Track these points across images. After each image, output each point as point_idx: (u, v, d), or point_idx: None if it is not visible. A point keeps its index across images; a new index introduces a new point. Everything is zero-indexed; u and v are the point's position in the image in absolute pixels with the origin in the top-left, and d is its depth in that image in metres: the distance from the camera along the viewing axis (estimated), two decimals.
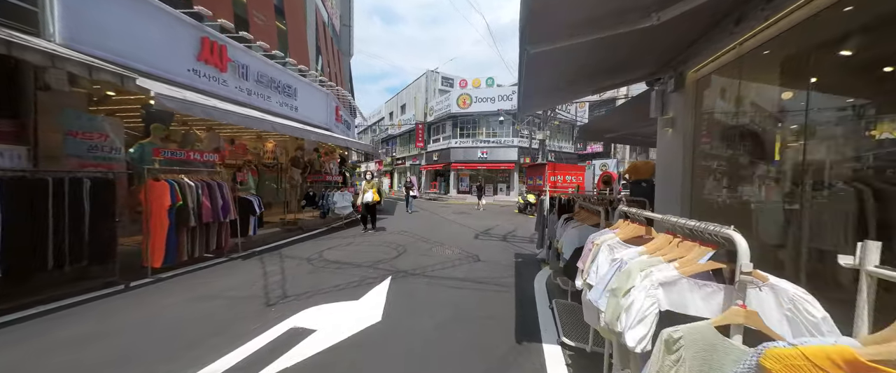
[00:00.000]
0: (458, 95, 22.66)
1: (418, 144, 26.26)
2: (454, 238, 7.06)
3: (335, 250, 5.58)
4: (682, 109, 3.51)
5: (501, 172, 23.24)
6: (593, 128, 6.34)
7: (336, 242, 6.34)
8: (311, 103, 9.08)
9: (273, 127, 5.18)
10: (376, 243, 6.26)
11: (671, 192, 3.62)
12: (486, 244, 6.47)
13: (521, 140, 21.66)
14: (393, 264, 4.74)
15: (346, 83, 14.76)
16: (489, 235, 7.56)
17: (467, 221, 10.26)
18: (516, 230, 8.42)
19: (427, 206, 16.18)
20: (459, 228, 8.55)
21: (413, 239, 6.80)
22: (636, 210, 1.73)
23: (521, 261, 5.22)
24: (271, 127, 5.18)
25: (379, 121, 38.13)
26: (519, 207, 13.50)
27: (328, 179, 8.16)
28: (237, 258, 4.82)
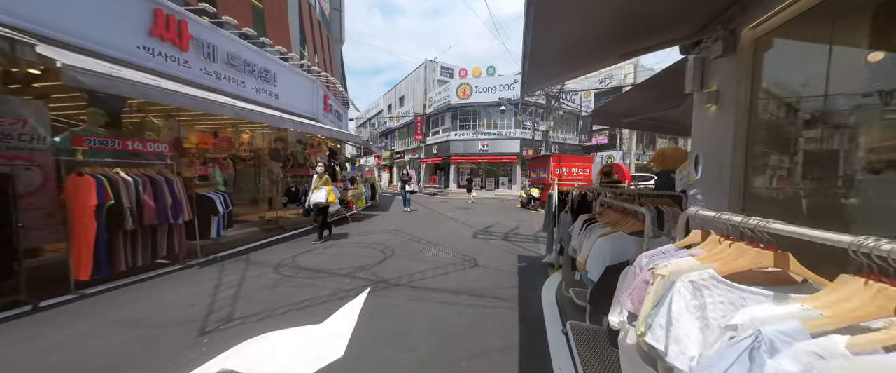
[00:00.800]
0: (458, 85, 21.75)
1: (417, 137, 25.45)
2: (450, 238, 6.36)
3: (312, 254, 4.89)
4: (734, 79, 2.74)
5: (502, 166, 22.45)
6: (608, 111, 5.55)
7: (316, 243, 5.66)
8: (294, 91, 8.33)
9: (234, 112, 4.45)
10: (362, 245, 5.57)
11: (714, 184, 2.87)
12: (485, 245, 5.77)
13: (524, 132, 20.81)
14: (375, 272, 4.05)
15: (338, 72, 13.96)
16: (489, 234, 6.85)
17: (466, 217, 9.55)
18: (519, 228, 7.71)
19: (425, 201, 15.48)
20: (457, 226, 7.85)
21: (404, 239, 6.10)
22: (739, 217, 0.97)
23: (526, 265, 4.51)
24: (233, 112, 4.46)
25: (377, 114, 37.27)
26: (521, 201, 12.76)
27: (312, 173, 7.42)
28: (194, 265, 4.14)
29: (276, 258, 4.60)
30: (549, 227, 4.53)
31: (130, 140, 3.70)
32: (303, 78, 8.69)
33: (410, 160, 28.47)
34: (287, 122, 5.64)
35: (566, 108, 20.01)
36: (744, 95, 2.60)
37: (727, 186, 2.76)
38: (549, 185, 11.48)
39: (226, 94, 5.99)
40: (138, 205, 3.52)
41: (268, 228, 6.69)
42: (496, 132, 21.41)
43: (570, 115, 23.04)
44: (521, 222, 8.60)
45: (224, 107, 4.29)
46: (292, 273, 3.94)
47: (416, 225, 7.82)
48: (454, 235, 6.59)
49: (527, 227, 7.85)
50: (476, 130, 21.98)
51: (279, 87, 7.68)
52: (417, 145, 26.55)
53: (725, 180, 2.78)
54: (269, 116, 5.13)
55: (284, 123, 5.54)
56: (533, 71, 3.55)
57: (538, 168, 12.47)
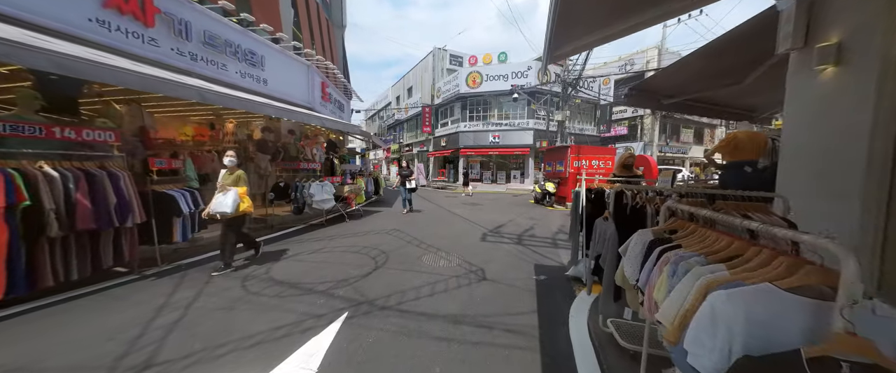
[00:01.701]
0: (468, 74, 20.66)
1: (425, 129, 24.61)
2: (455, 240, 5.57)
3: (291, 262, 4.20)
4: (878, 20, 1.81)
5: (514, 158, 21.39)
6: (648, 88, 4.53)
7: (302, 247, 4.98)
8: (286, 76, 7.62)
9: (199, 95, 3.74)
10: (352, 249, 4.85)
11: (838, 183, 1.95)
12: (495, 250, 4.95)
13: (538, 122, 19.64)
14: (360, 287, 3.31)
15: (339, 59, 13.19)
16: (500, 236, 6.02)
17: (475, 214, 8.73)
18: (534, 228, 6.84)
19: (432, 196, 14.73)
20: (464, 226, 7.05)
21: (402, 242, 5.36)
22: None
23: (546, 280, 3.68)
24: (199, 95, 3.75)
25: (386, 106, 36.54)
26: (535, 196, 11.82)
27: (303, 166, 6.75)
28: (151, 276, 3.52)
29: (250, 266, 3.93)
30: (576, 233, 3.66)
31: (61, 128, 3.04)
32: (296, 63, 7.97)
33: (419, 153, 27.72)
34: (268, 108, 4.93)
35: (584, 96, 18.68)
36: None
37: (857, 190, 1.84)
38: (566, 179, 10.50)
39: (203, 78, 5.32)
40: (69, 206, 2.87)
41: (254, 227, 6.06)
42: (508, 123, 20.31)
43: (587, 104, 21.64)
44: (535, 221, 7.72)
45: (181, 88, 3.58)
46: (260, 288, 3.25)
47: (419, 224, 7.07)
48: (460, 237, 5.79)
49: (543, 227, 6.97)
50: (486, 121, 20.93)
51: (268, 72, 6.97)
52: (426, 137, 25.73)
53: (853, 182, 1.86)
54: (243, 101, 4.42)
55: (264, 108, 4.83)
56: (561, 27, 2.65)
57: (554, 160, 11.47)
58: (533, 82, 18.87)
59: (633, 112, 23.81)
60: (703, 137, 26.78)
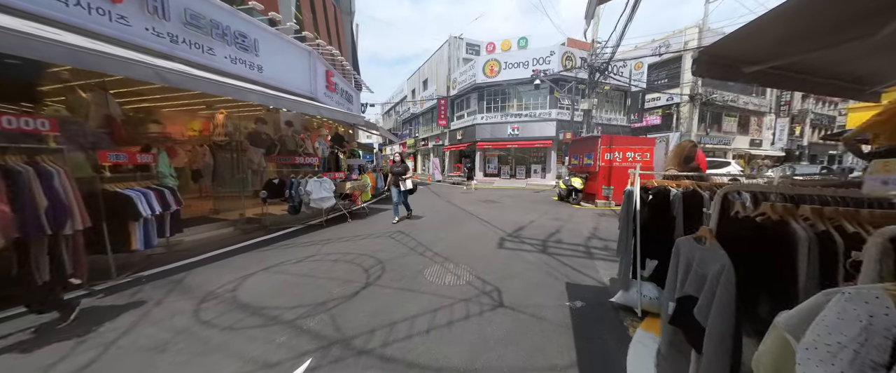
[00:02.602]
0: (485, 62, 19.48)
1: (440, 122, 23.72)
2: (467, 247, 4.73)
3: (269, 275, 3.53)
4: None
5: (535, 151, 20.08)
6: (724, 53, 3.30)
7: (289, 253, 4.32)
8: (285, 63, 6.99)
9: (159, 76, 3.10)
10: (345, 257, 4.13)
11: None
12: (515, 261, 4.06)
13: (561, 112, 18.23)
14: (339, 316, 2.56)
15: (347, 48, 12.55)
16: (521, 241, 5.11)
17: (492, 214, 7.83)
18: (560, 231, 5.85)
19: (447, 191, 13.93)
20: (478, 228, 6.18)
21: (405, 248, 4.59)
22: None
23: (584, 308, 2.77)
24: (157, 76, 3.11)
25: (402, 100, 35.95)
26: (559, 193, 10.71)
27: (299, 161, 6.12)
28: (99, 293, 2.94)
29: (219, 280, 3.30)
30: (627, 247, 2.71)
31: None
32: (296, 48, 7.33)
33: (434, 147, 26.94)
34: (253, 94, 4.26)
35: (613, 82, 17.03)
36: None
37: None
38: (595, 173, 9.33)
39: (188, 63, 4.75)
40: None
41: (247, 228, 5.52)
42: (528, 114, 19.01)
43: (616, 91, 19.86)
44: (561, 223, 6.70)
45: (131, 65, 2.94)
46: (214, 315, 2.57)
47: (427, 226, 6.28)
48: (473, 242, 4.94)
49: (571, 230, 5.97)
50: (505, 112, 19.72)
51: (263, 58, 6.36)
52: (441, 131, 24.87)
53: None
54: (215, 84, 3.77)
55: (244, 94, 4.17)
56: None
57: (581, 153, 10.28)
58: (556, 69, 17.44)
59: (668, 100, 21.69)
60: (749, 126, 24.12)
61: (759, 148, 24.08)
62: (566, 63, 17.76)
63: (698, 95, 20.71)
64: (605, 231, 5.87)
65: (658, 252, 2.69)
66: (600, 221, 7.00)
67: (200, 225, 5.22)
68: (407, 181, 6.47)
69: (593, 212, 8.25)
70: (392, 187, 6.55)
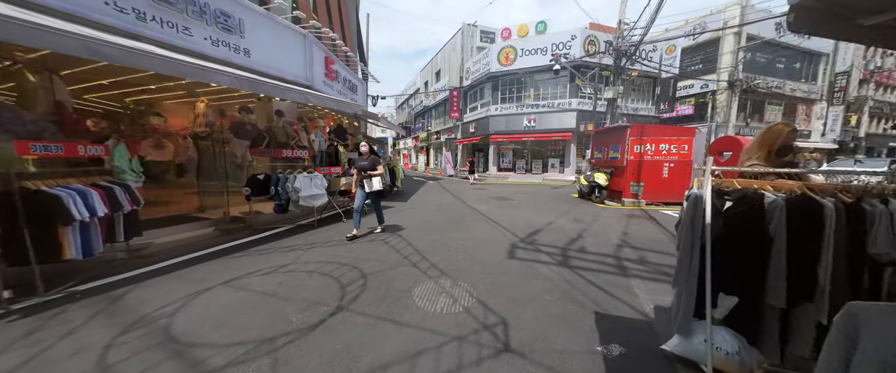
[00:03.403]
0: (500, 49, 18.35)
1: (453, 115, 22.84)
2: (472, 255, 3.98)
3: (227, 290, 2.93)
4: None
5: (553, 144, 18.88)
6: None
7: (263, 261, 3.73)
8: (276, 47, 6.40)
9: (89, 50, 2.51)
10: (322, 268, 3.49)
11: None
12: (528, 278, 3.28)
13: (582, 101, 16.92)
14: (285, 359, 1.90)
15: (352, 37, 11.90)
16: (536, 248, 4.29)
17: (504, 213, 7.02)
18: (584, 236, 4.97)
19: (457, 187, 13.16)
20: (487, 230, 5.40)
21: (397, 256, 3.90)
22: None
23: (624, 357, 1.97)
24: (86, 50, 2.52)
25: (415, 92, 35.24)
26: (580, 190, 9.70)
27: (286, 154, 5.54)
28: (14, 315, 2.43)
29: (165, 297, 2.73)
30: (691, 275, 1.86)
31: None
32: (289, 31, 6.72)
33: (446, 141, 26.14)
34: (218, 75, 3.65)
35: (642, 68, 15.51)
36: None
37: None
38: (622, 168, 8.27)
39: (158, 44, 4.21)
40: None
41: (230, 228, 5.02)
42: (546, 104, 17.80)
43: (644, 78, 18.23)
44: (584, 225, 5.80)
45: (57, 37, 2.35)
46: (123, 356, 1.97)
47: (429, 227, 5.57)
48: (479, 250, 4.18)
49: (597, 234, 5.07)
50: (520, 103, 18.59)
51: (250, 40, 5.78)
52: (454, 124, 24.01)
53: None
54: (174, 63, 3.16)
55: (213, 76, 3.56)
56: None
57: (605, 145, 9.20)
58: (578, 55, 16.11)
59: (703, 87, 19.75)
60: (796, 115, 21.70)
61: (808, 140, 21.64)
62: (589, 48, 16.38)
63: (738, 81, 18.70)
64: (639, 237, 4.94)
65: (739, 286, 1.85)
66: (630, 223, 6.04)
67: (181, 224, 4.76)
68: (374, 180, 4.69)
69: (620, 212, 7.25)
70: (357, 189, 4.84)
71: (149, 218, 4.78)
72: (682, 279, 1.87)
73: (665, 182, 8.04)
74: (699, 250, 1.82)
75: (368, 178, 4.72)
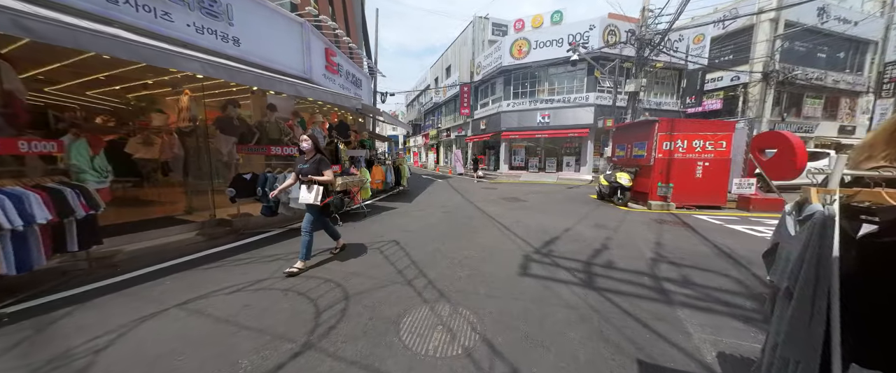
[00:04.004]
0: (513, 42, 17.53)
1: (463, 111, 22.19)
2: (479, 268, 3.39)
3: (179, 315, 2.45)
4: None
5: (568, 142, 17.96)
6: None
7: (236, 275, 3.25)
8: (270, 36, 5.95)
9: (43, 31, 2.07)
10: (302, 286, 2.98)
11: None
12: (546, 300, 2.66)
13: (600, 96, 15.94)
14: None
15: (357, 29, 11.43)
16: (554, 262, 3.65)
17: (517, 216, 6.38)
18: (609, 247, 4.28)
19: (466, 186, 12.55)
20: (496, 238, 4.79)
21: (390, 270, 3.35)
22: None
23: None
24: (47, 31, 2.08)
25: (425, 89, 34.71)
26: (600, 191, 8.91)
27: (275, 151, 5.08)
28: None
29: (103, 324, 2.27)
30: (810, 337, 1.20)
31: None
32: (283, 18, 6.26)
33: (456, 138, 25.53)
34: (187, 62, 3.18)
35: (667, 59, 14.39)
36: None
37: None
38: (649, 167, 7.45)
39: (138, 31, 3.80)
40: None
41: (215, 232, 4.60)
42: (561, 99, 16.89)
43: (668, 70, 17.03)
44: (609, 232, 5.09)
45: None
46: None
47: (432, 233, 5.00)
48: (486, 263, 3.58)
49: (625, 244, 4.37)
50: (534, 98, 17.74)
51: (240, 28, 5.35)
52: (464, 121, 23.36)
53: None
54: (132, 46, 2.70)
55: (180, 62, 3.10)
56: None
57: (629, 142, 8.37)
58: (597, 46, 15.12)
59: (733, 79, 18.32)
60: (839, 110, 19.89)
61: (852, 136, 19.81)
62: (608, 38, 15.37)
63: (774, 73, 17.20)
64: (676, 248, 4.21)
65: (884, 355, 1.18)
66: (662, 230, 5.29)
67: (163, 228, 4.37)
68: (312, 191, 3.19)
69: (648, 217, 6.48)
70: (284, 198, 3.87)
71: (128, 221, 4.43)
72: (798, 345, 1.21)
73: (699, 183, 7.18)
74: (826, 302, 1.17)
75: (308, 185, 3.18)
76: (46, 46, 2.60)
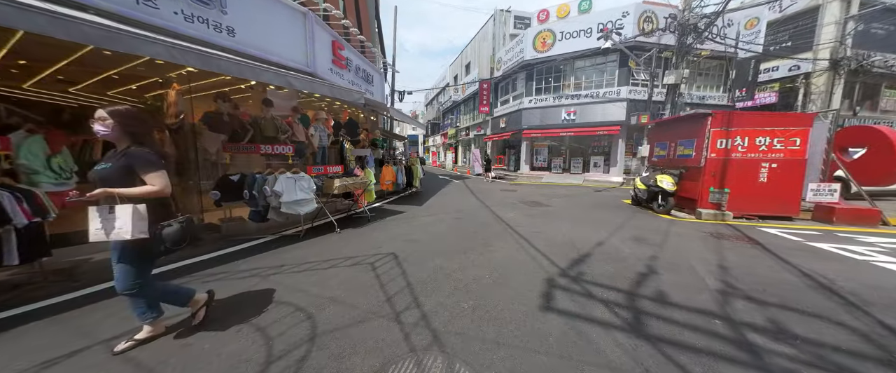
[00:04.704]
0: (536, 34, 16.47)
1: (482, 109, 21.34)
2: (487, 295, 2.66)
3: (102, 357, 1.94)
4: None
5: (596, 140, 16.62)
6: None
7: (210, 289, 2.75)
8: (268, 26, 5.54)
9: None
10: (264, 320, 2.40)
11: None
12: (577, 355, 1.90)
13: (634, 89, 14.52)
14: None
15: (370, 23, 10.98)
16: (586, 291, 2.84)
17: (537, 224, 5.55)
18: (656, 270, 3.38)
19: (484, 188, 11.76)
20: (514, 251, 4.03)
21: (378, 296, 2.70)
22: None
23: None
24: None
25: (444, 87, 34.17)
26: (635, 195, 7.83)
27: (264, 151, 4.61)
28: None
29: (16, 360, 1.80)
30: None
31: None
32: (284, 7, 5.84)
33: (475, 137, 24.71)
34: (151, 47, 2.73)
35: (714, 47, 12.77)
36: None
37: None
38: (699, 169, 6.29)
39: (112, 16, 3.44)
40: None
41: (207, 239, 4.20)
42: (589, 94, 15.61)
43: (714, 59, 15.23)
44: (652, 249, 4.14)
45: None
46: None
47: (437, 244, 4.32)
48: (497, 290, 2.84)
49: (677, 267, 3.45)
50: (558, 93, 16.57)
51: (234, 17, 4.96)
52: (483, 119, 22.50)
53: None
54: (82, 29, 2.26)
55: (139, 46, 2.65)
56: None
57: (672, 140, 7.24)
58: (631, 35, 13.75)
59: (791, 69, 16.11)
60: None
61: None
62: (644, 26, 13.94)
63: (845, 60, 14.88)
64: (748, 274, 3.24)
65: None
66: (722, 247, 4.27)
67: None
68: (117, 217, 1.70)
69: (699, 229, 5.41)
70: None
71: None
72: None
73: (763, 189, 5.97)
74: None
75: (108, 211, 1.70)
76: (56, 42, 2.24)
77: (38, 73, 3.99)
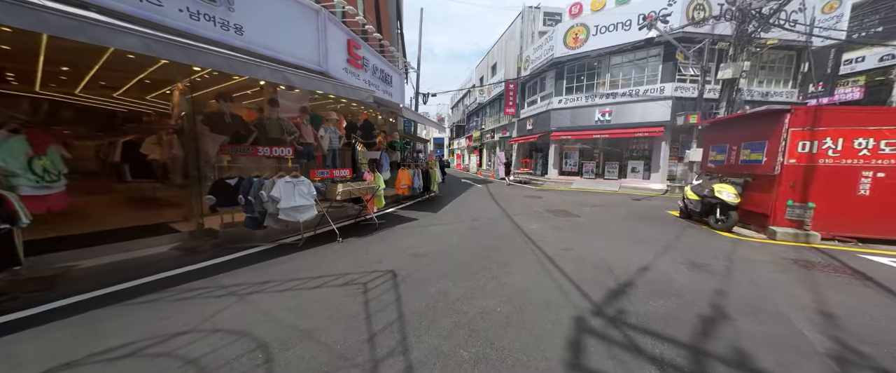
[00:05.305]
0: (567, 30, 15.38)
1: (508, 111, 20.46)
2: (496, 344, 2.05)
3: None
4: None
5: (635, 143, 15.10)
6: None
7: (165, 319, 2.42)
8: (278, 24, 5.35)
9: None
10: (228, 352, 1.98)
11: None
12: None
13: (681, 86, 12.97)
14: None
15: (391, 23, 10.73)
16: (630, 342, 2.12)
17: (565, 239, 4.78)
18: (726, 313, 2.53)
19: (507, 194, 10.99)
20: (534, 275, 3.35)
21: (361, 332, 2.19)
22: None
23: None
24: None
25: (469, 89, 33.61)
26: (685, 207, 6.71)
27: (262, 153, 4.33)
28: None
29: None
30: None
31: None
32: (296, 4, 5.63)
33: (501, 140, 23.82)
34: (128, 39, 2.48)
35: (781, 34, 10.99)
36: None
37: None
38: (772, 177, 5.10)
39: (120, 16, 3.33)
40: None
41: (195, 245, 3.99)
42: (626, 92, 14.21)
43: (781, 50, 13.21)
44: (715, 280, 3.24)
45: None
46: None
47: (445, 260, 3.74)
48: (510, 332, 2.20)
49: (755, 308, 2.57)
50: (591, 93, 15.30)
51: (242, 14, 4.78)
52: (509, 121, 21.60)
53: None
54: (60, 19, 2.02)
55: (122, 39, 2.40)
56: None
57: (733, 142, 6.08)
58: (677, 25, 12.29)
59: (885, 58, 13.53)
60: None
61: None
62: (694, 14, 12.41)
63: None
64: (871, 328, 2.30)
65: None
66: (814, 281, 3.25)
67: (142, 238, 3.89)
68: None
69: (775, 252, 4.31)
70: None
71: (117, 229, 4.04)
72: None
73: (864, 203, 4.71)
74: None
75: None
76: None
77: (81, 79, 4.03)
